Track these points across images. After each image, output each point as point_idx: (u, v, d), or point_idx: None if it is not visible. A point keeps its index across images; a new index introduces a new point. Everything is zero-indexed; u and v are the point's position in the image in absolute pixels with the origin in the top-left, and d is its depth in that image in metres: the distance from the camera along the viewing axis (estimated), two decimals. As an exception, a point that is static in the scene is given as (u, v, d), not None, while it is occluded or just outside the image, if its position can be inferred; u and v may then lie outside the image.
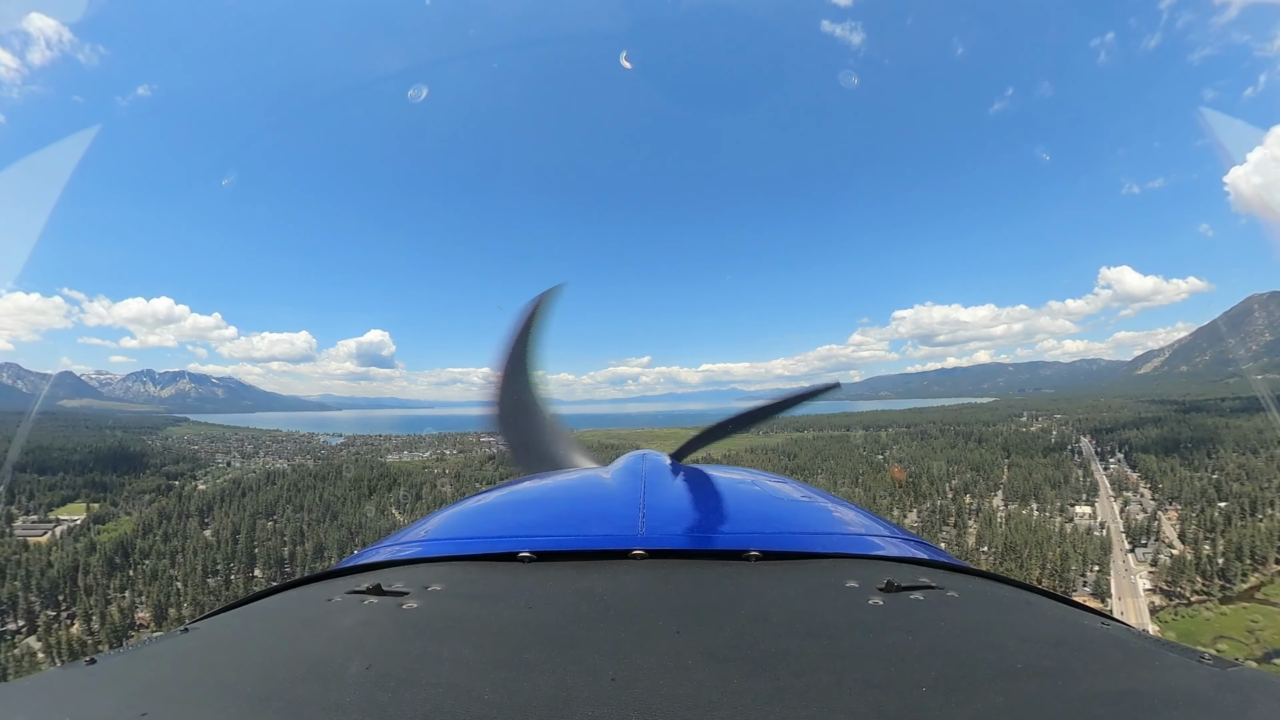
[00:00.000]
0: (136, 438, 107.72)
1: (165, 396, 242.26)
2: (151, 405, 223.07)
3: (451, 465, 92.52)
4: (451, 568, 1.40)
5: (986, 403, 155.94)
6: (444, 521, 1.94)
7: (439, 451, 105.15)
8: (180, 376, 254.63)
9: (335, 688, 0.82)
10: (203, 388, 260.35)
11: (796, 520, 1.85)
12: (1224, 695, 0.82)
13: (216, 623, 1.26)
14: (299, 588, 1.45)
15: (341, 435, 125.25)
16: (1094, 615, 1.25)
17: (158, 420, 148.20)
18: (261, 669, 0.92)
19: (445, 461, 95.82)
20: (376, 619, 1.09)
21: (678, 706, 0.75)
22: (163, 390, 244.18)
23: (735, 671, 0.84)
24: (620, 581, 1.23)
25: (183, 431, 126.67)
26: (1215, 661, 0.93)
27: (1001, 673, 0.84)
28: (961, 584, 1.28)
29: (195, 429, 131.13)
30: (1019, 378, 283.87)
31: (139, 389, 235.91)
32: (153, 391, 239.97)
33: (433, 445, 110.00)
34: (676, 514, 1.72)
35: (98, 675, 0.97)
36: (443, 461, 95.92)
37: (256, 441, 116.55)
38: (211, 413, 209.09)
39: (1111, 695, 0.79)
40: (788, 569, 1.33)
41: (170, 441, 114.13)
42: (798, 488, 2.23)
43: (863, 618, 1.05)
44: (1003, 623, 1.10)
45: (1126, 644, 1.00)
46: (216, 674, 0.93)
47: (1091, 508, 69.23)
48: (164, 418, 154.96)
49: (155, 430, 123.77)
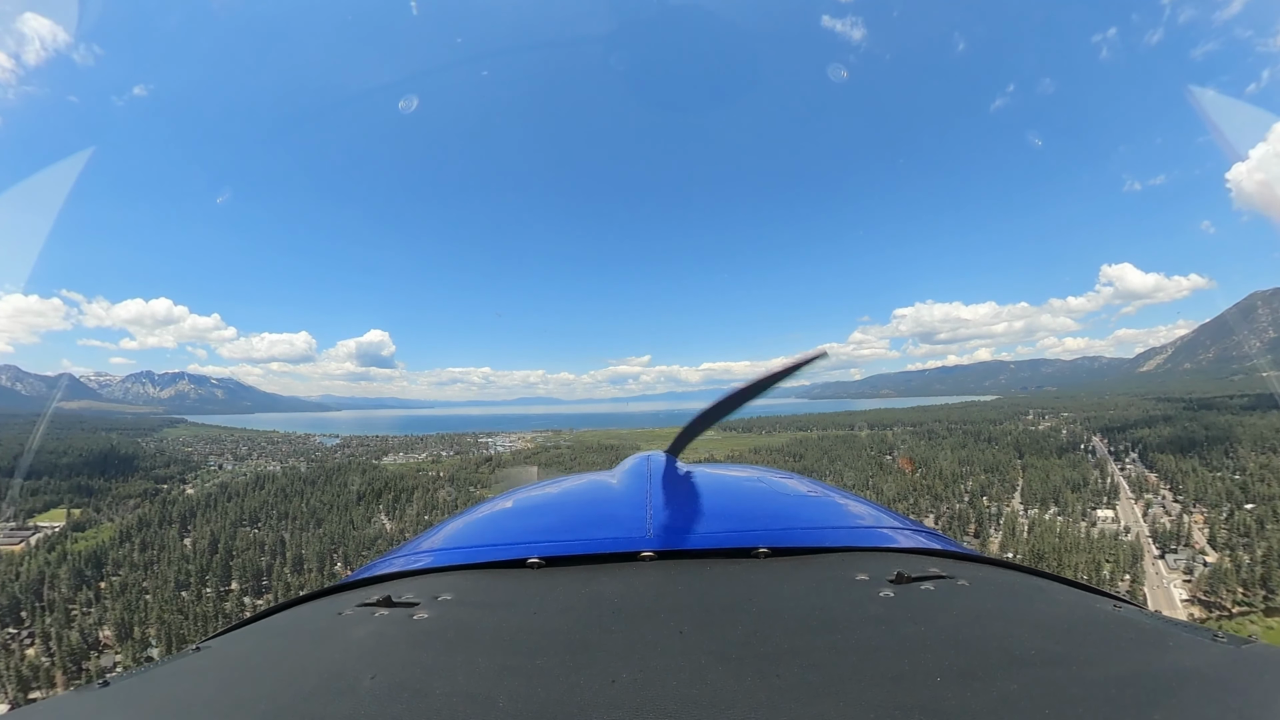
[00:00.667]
0: (131, 440, 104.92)
1: (165, 398, 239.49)
2: (151, 407, 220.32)
3: (447, 467, 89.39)
4: (461, 577, 1.40)
5: (990, 400, 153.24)
6: (452, 530, 1.95)
7: (435, 453, 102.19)
8: (180, 378, 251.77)
9: (349, 701, 0.81)
10: (202, 389, 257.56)
11: (803, 515, 1.85)
12: (1239, 673, 0.82)
13: (229, 640, 1.25)
14: (310, 602, 1.45)
15: (338, 436, 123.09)
16: (1106, 598, 1.24)
17: (155, 422, 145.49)
18: (275, 686, 0.92)
19: (441, 464, 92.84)
20: (388, 631, 1.09)
21: (691, 707, 0.75)
22: (162, 392, 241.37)
23: (747, 670, 0.84)
24: (629, 584, 1.23)
25: (179, 433, 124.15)
26: (1230, 639, 0.92)
27: (1015, 660, 0.84)
28: (972, 572, 1.28)
29: (192, 430, 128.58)
30: (1021, 375, 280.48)
31: (138, 390, 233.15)
32: (152, 393, 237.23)
33: (430, 446, 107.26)
34: (683, 514, 1.73)
35: (111, 698, 0.96)
36: (438, 464, 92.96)
37: (252, 443, 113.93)
38: (211, 414, 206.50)
39: (1126, 678, 0.79)
40: (797, 565, 1.33)
41: (165, 444, 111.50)
42: (804, 482, 2.23)
43: (874, 610, 1.04)
44: (1015, 610, 1.10)
45: (1140, 625, 0.99)
46: (230, 693, 0.93)
47: (1114, 511, 65.94)
48: (161, 419, 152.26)
49: (151, 432, 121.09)
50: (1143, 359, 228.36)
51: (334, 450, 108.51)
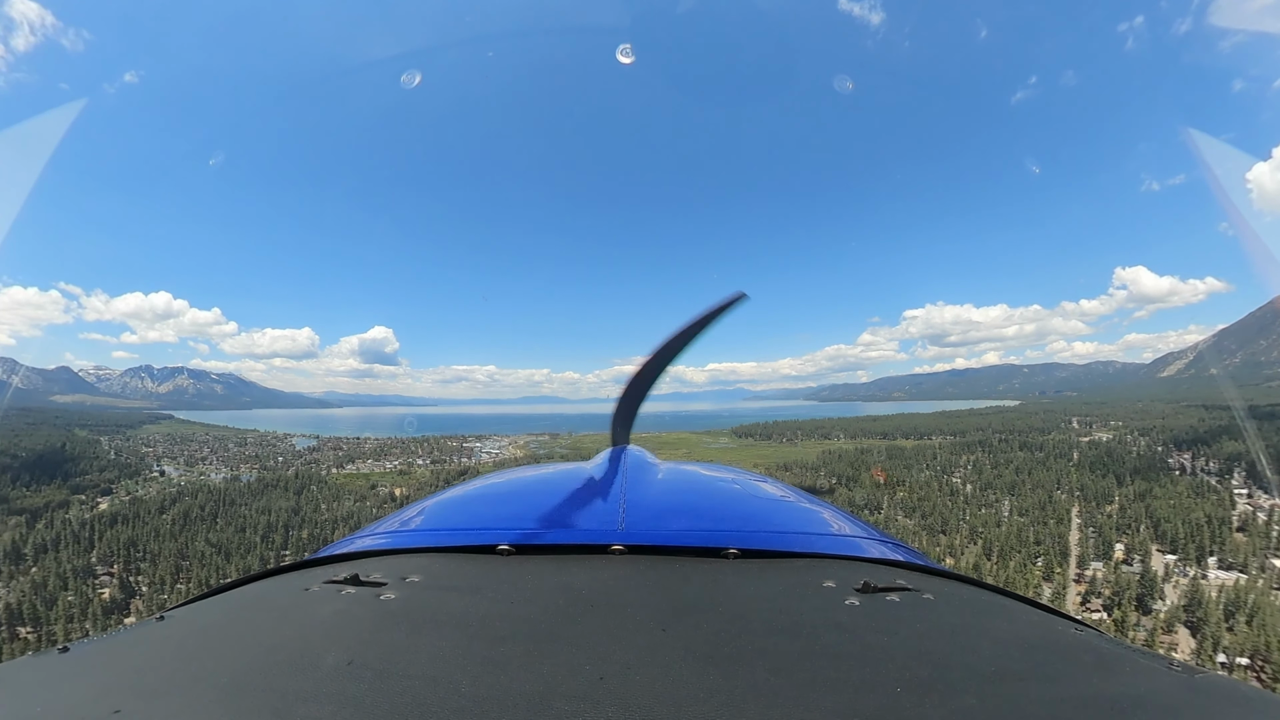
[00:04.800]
0: (92, 439, 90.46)
1: (163, 393, 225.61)
2: (147, 401, 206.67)
3: (414, 480, 72.41)
4: (430, 559, 1.36)
5: (1014, 405, 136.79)
6: (423, 512, 1.91)
7: (409, 460, 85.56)
8: (179, 372, 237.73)
9: (312, 678, 0.79)
10: (201, 384, 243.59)
11: (775, 519, 1.83)
12: (1191, 699, 0.82)
13: (192, 610, 1.22)
14: (276, 576, 1.39)
15: (318, 436, 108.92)
16: (1066, 620, 1.23)
17: (140, 417, 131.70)
18: (237, 658, 0.89)
19: (408, 476, 75.95)
20: (354, 609, 1.06)
21: (656, 702, 0.73)
22: (160, 386, 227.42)
23: (714, 668, 0.82)
24: (599, 576, 1.21)
25: (160, 430, 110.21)
26: (1183, 668, 0.92)
27: (976, 675, 0.83)
28: (937, 586, 1.27)
29: (172, 427, 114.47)
30: (1035, 379, 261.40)
31: (136, 385, 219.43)
32: (150, 387, 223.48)
33: (410, 451, 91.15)
34: (657, 510, 1.70)
35: (70, 664, 0.93)
36: (405, 475, 76.09)
37: (223, 443, 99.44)
38: (208, 410, 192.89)
39: (1083, 699, 0.79)
40: (765, 567, 1.31)
41: (132, 443, 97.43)
42: (778, 486, 2.21)
43: (840, 618, 1.03)
44: (977, 626, 1.08)
45: (1098, 649, 0.98)
46: (191, 663, 0.89)
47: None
48: (145, 415, 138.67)
49: (129, 429, 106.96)
50: (1161, 364, 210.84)
51: (301, 455, 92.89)
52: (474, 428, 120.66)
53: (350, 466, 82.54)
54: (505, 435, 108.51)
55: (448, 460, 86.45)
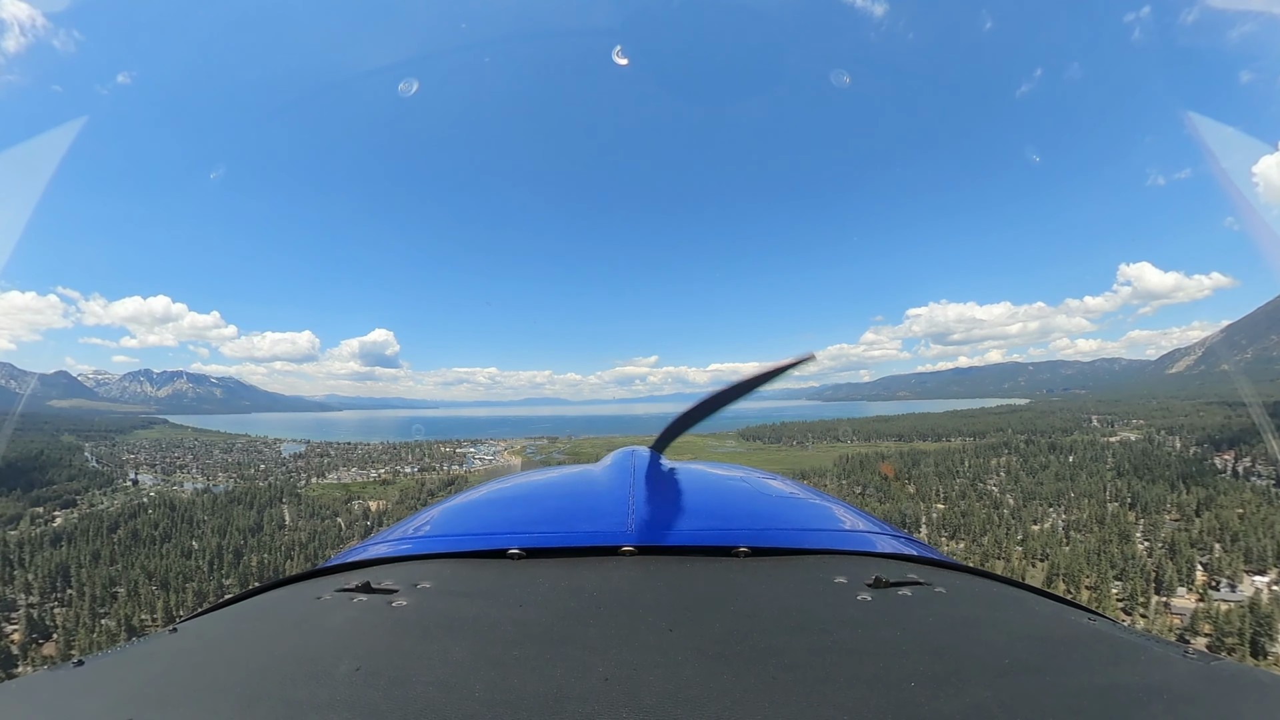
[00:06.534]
0: (75, 445, 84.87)
1: (161, 397, 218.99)
2: (145, 406, 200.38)
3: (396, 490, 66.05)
4: (440, 565, 1.36)
5: (1023, 404, 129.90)
6: (433, 518, 1.91)
7: (395, 468, 79.41)
8: (178, 376, 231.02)
9: (325, 687, 0.79)
10: (200, 387, 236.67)
11: (785, 516, 1.82)
12: (1208, 688, 0.81)
13: (205, 622, 1.21)
14: (287, 586, 1.39)
15: (308, 442, 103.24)
16: (1080, 611, 1.21)
17: (132, 422, 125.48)
18: (251, 668, 0.88)
19: (391, 487, 69.61)
20: (366, 617, 1.06)
21: (668, 702, 0.73)
22: (159, 390, 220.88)
23: (725, 667, 0.82)
24: (609, 578, 1.20)
25: (151, 435, 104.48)
26: (1199, 656, 0.91)
27: (989, 668, 0.82)
28: (949, 580, 1.25)
29: (163, 433, 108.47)
30: (1040, 377, 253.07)
31: (135, 389, 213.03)
32: (149, 392, 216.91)
33: (399, 457, 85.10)
34: (665, 510, 1.70)
35: (84, 677, 0.92)
36: (388, 485, 69.76)
37: (209, 449, 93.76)
38: (206, 414, 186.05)
39: (1098, 689, 0.78)
40: (776, 565, 1.30)
41: (116, 449, 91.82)
42: (786, 483, 2.19)
43: (851, 613, 1.02)
44: (990, 619, 1.07)
45: (1113, 639, 0.97)
46: (205, 674, 0.89)
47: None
48: (138, 420, 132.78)
49: (119, 434, 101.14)
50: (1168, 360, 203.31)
51: (284, 462, 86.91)
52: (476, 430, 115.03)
53: (332, 475, 76.61)
54: (501, 439, 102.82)
55: (437, 468, 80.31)
